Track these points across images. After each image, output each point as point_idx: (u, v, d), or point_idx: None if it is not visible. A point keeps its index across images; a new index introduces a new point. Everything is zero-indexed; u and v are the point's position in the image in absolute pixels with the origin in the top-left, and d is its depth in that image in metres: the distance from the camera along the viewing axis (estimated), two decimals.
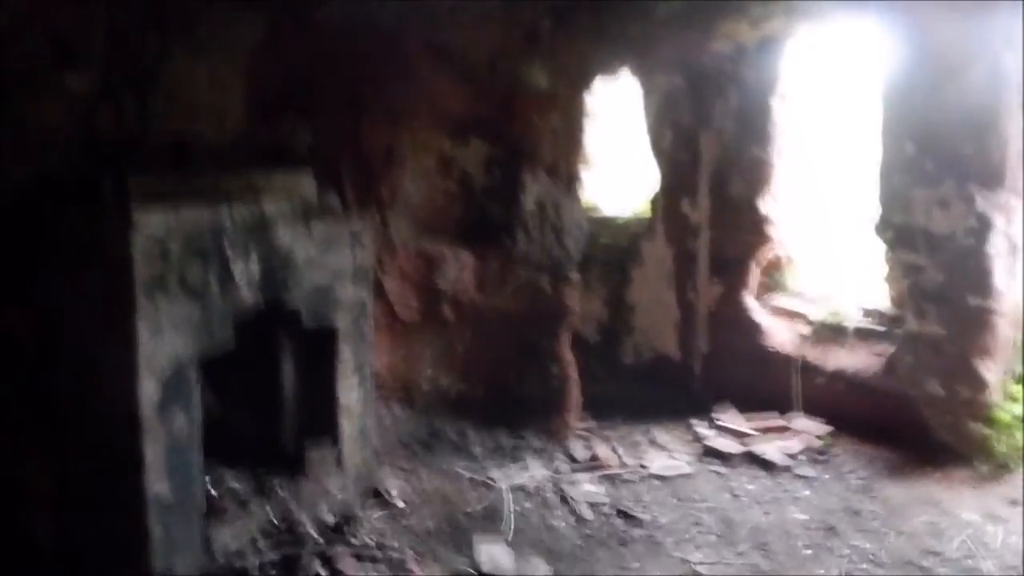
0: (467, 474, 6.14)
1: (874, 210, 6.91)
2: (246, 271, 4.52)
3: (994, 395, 6.46)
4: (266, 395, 5.28)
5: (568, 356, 6.95)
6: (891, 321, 7.36)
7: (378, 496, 5.54)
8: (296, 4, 5.04)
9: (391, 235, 6.00)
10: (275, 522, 4.77)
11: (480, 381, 6.72)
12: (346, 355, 5.29)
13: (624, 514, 5.83)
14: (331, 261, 5.07)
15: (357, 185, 5.56)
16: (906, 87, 6.53)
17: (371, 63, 5.44)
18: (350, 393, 5.35)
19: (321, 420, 5.29)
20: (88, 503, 4.18)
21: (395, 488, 5.67)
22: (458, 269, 6.38)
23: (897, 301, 7.39)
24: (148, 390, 4.00)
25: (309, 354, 5.27)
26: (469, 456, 6.44)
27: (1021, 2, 6.04)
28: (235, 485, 4.93)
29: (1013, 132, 6.34)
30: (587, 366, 7.34)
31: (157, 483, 4.07)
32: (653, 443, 7.19)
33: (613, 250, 8.56)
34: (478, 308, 6.54)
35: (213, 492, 4.73)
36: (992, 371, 6.46)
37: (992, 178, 6.34)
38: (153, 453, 4.04)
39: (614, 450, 6.84)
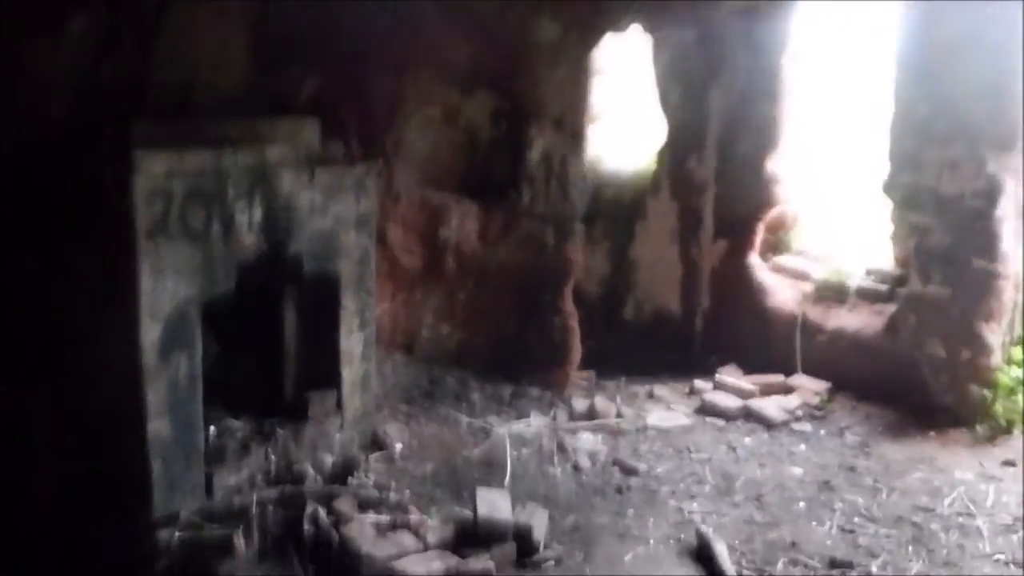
0: (466, 420, 6.22)
1: (883, 169, 6.88)
2: (248, 215, 4.55)
3: (995, 358, 6.48)
4: (268, 341, 5.33)
5: (570, 309, 6.99)
6: (894, 281, 7.34)
7: (377, 441, 5.61)
8: None
9: (395, 184, 6.01)
10: (275, 463, 4.84)
11: (481, 332, 6.77)
12: (348, 302, 5.34)
13: (621, 464, 5.89)
14: (334, 208, 5.10)
15: (362, 134, 5.55)
16: (922, 47, 6.46)
17: (377, 13, 5.40)
18: (351, 339, 5.40)
19: (322, 366, 5.36)
20: (91, 445, 4.26)
21: (394, 433, 5.74)
22: (461, 219, 6.40)
23: (901, 261, 7.36)
24: (150, 333, 4.07)
25: (311, 300, 5.32)
26: (469, 404, 6.52)
27: None
28: (236, 427, 5.00)
29: None
30: (588, 321, 7.37)
31: (158, 424, 4.14)
32: (652, 397, 7.26)
33: (617, 205, 8.52)
34: (480, 259, 6.56)
35: (215, 434, 4.81)
36: (995, 334, 6.46)
37: (1005, 141, 6.29)
38: (155, 395, 4.12)
39: (614, 402, 6.89)
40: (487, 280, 6.62)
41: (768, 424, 6.65)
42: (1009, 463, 5.93)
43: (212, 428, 4.79)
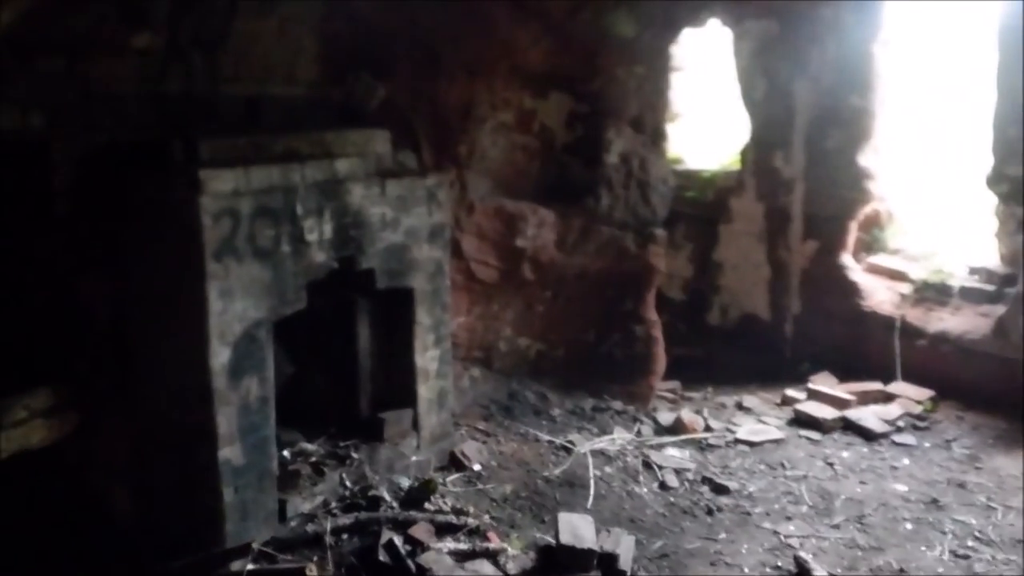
0: (546, 437, 6.00)
1: (986, 162, 6.47)
2: (318, 231, 4.42)
3: None
4: (342, 358, 5.21)
5: (653, 317, 6.73)
6: (1001, 280, 6.91)
7: (455, 461, 5.44)
8: None
9: (469, 193, 5.83)
10: (350, 488, 4.70)
11: (560, 342, 6.56)
12: (422, 316, 5.18)
13: (710, 482, 5.61)
14: (406, 220, 4.94)
15: (434, 143, 5.40)
16: (1021, 30, 6.05)
17: (448, 17, 5.23)
18: (426, 356, 5.25)
19: (397, 383, 5.22)
20: (163, 471, 4.17)
21: (472, 453, 5.56)
22: (538, 227, 6.18)
23: (1008, 259, 6.93)
24: (219, 356, 3.95)
25: (384, 315, 5.18)
26: (549, 419, 6.31)
27: None
28: (310, 449, 4.88)
29: None
30: (672, 327, 7.10)
31: (229, 450, 4.02)
32: (741, 407, 6.96)
33: (699, 205, 8.20)
34: (559, 267, 6.34)
35: (287, 457, 4.69)
36: None
37: None
38: (225, 420, 4.00)
39: (700, 414, 6.62)
40: (566, 289, 6.39)
41: (867, 436, 6.29)
42: None
43: (285, 452, 4.67)
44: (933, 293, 7.25)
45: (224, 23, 4.54)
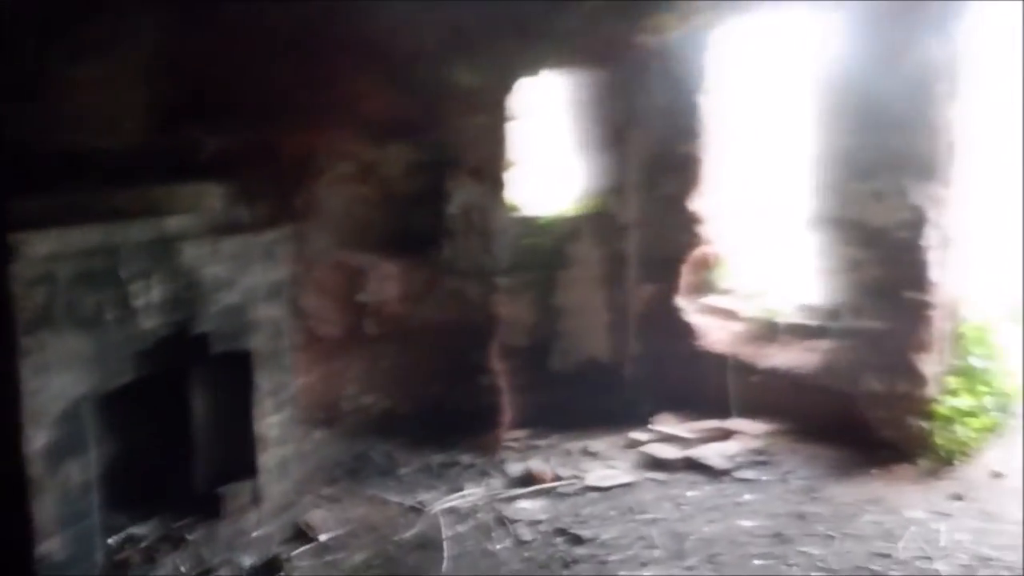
0: (396, 499, 5.79)
1: (809, 204, 6.79)
2: (146, 295, 4.10)
3: (932, 389, 6.41)
4: (175, 429, 4.84)
5: (498, 366, 6.67)
6: (825, 316, 7.24)
7: (302, 532, 5.14)
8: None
9: (308, 248, 5.58)
10: (186, 573, 4.33)
11: (406, 398, 6.38)
12: (262, 380, 4.91)
13: (565, 533, 5.53)
14: (243, 279, 4.68)
15: (271, 196, 5.13)
16: (839, 80, 6.42)
17: (286, 65, 5.02)
18: (267, 422, 4.96)
19: (236, 453, 4.89)
20: None
21: (319, 522, 5.27)
22: (380, 281, 6.01)
23: (830, 296, 7.27)
24: (35, 440, 3.57)
25: (221, 381, 4.86)
26: (397, 479, 6.11)
27: None
28: (140, 534, 4.47)
29: (943, 124, 6.27)
30: (514, 375, 7.03)
31: (49, 544, 3.62)
32: (588, 453, 6.94)
33: (538, 252, 8.21)
34: (403, 321, 6.17)
35: (115, 545, 4.28)
36: (930, 365, 6.39)
37: (925, 170, 6.27)
38: (43, 512, 3.60)
39: (549, 463, 6.56)
40: (410, 343, 6.23)
41: (711, 474, 6.40)
42: (956, 497, 5.84)
43: (112, 540, 4.26)
44: (763, 330, 7.52)
45: (37, 69, 4.15)
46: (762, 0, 6.76)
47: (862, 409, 6.53)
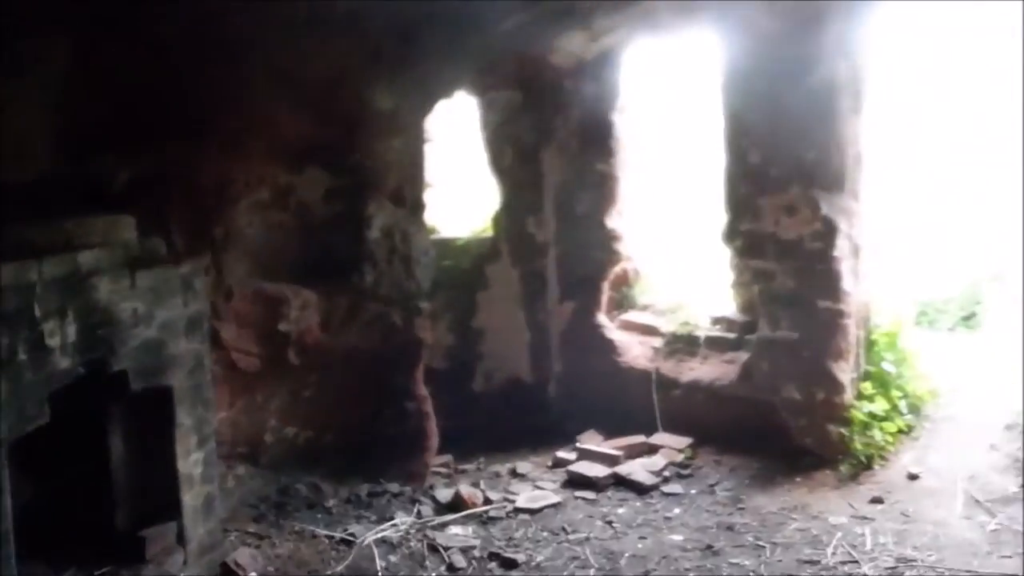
0: (324, 532, 5.64)
1: (723, 218, 6.91)
2: (60, 334, 3.89)
3: (848, 396, 6.58)
4: (93, 471, 4.61)
5: (423, 392, 6.57)
6: (742, 328, 7.39)
7: (228, 572, 4.95)
8: (111, 22, 4.39)
9: (226, 278, 5.40)
10: None
11: (331, 427, 6.21)
12: (183, 417, 4.71)
13: (498, 557, 5.48)
14: (160, 313, 4.49)
15: (187, 226, 4.95)
16: (747, 97, 6.58)
17: (201, 89, 4.86)
18: (190, 459, 4.76)
19: (158, 494, 4.68)
20: None
21: (247, 560, 5.09)
22: (301, 309, 5.84)
23: (745, 308, 7.42)
24: None
25: (141, 419, 4.65)
26: (325, 512, 5.94)
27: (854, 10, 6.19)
28: None
29: (850, 138, 6.48)
30: (438, 399, 6.96)
31: None
32: (516, 474, 6.93)
33: (456, 273, 8.18)
34: (325, 349, 6.01)
35: None
36: (845, 372, 6.57)
37: (834, 183, 6.48)
38: None
39: (478, 486, 6.50)
40: (333, 371, 6.08)
41: (639, 489, 6.46)
42: (877, 500, 6.00)
43: None
44: (683, 344, 7.62)
45: None
46: (671, 21, 6.88)
47: (782, 418, 6.67)
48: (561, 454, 7.08)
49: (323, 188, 5.78)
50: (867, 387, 6.78)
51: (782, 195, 6.53)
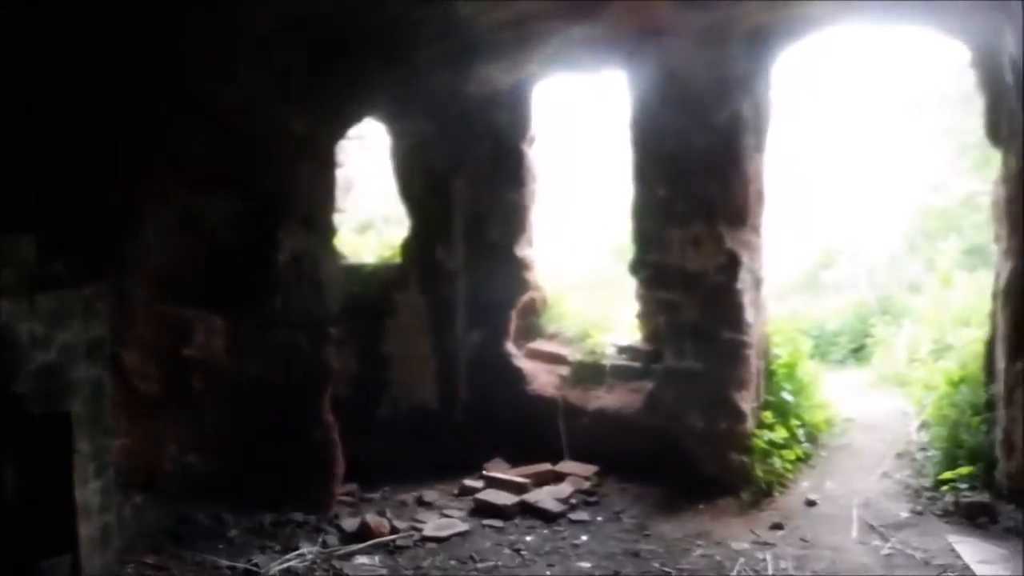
0: (226, 563, 5.48)
1: (630, 250, 7.04)
2: None
3: (749, 424, 6.75)
4: None
5: (329, 419, 6.46)
6: (646, 358, 7.52)
7: None
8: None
9: (129, 302, 5.23)
10: None
11: (234, 456, 6.04)
12: (82, 444, 4.55)
13: None
14: (60, 337, 4.34)
15: (89, 248, 4.78)
16: (655, 132, 6.76)
17: (107, 111, 4.72)
18: (87, 488, 4.59)
19: (54, 524, 4.48)
20: None
21: None
22: (207, 334, 5.70)
23: (650, 338, 7.56)
24: None
25: (38, 448, 4.44)
26: (227, 542, 5.78)
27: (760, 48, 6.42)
28: None
29: (753, 174, 6.71)
30: (343, 426, 6.86)
31: None
32: (422, 503, 6.89)
33: (364, 301, 8.10)
34: (230, 375, 5.87)
35: None
36: (747, 401, 6.74)
37: (737, 217, 6.68)
38: None
39: (384, 515, 6.43)
40: (238, 398, 5.93)
41: (546, 517, 6.47)
42: (777, 526, 6.15)
43: None
44: (589, 373, 7.71)
45: None
46: (582, 57, 7.03)
47: (687, 446, 6.79)
48: (468, 482, 7.06)
49: (232, 212, 5.67)
50: (767, 416, 6.97)
51: (688, 228, 6.71)
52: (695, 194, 6.64)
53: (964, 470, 6.26)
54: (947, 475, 6.32)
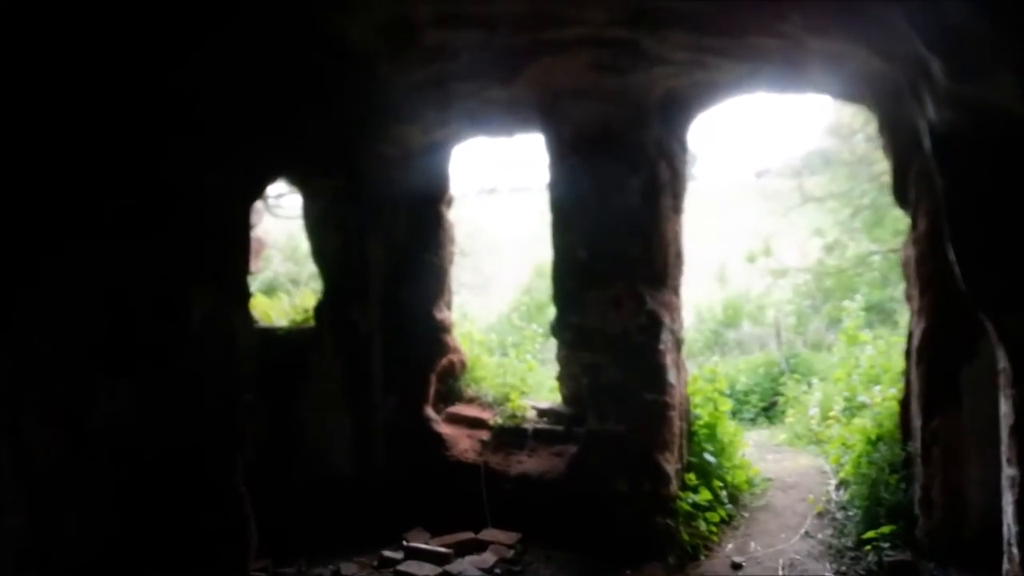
0: None
1: (552, 312, 6.98)
2: None
3: (674, 486, 6.69)
4: None
5: (242, 490, 6.11)
6: (568, 420, 7.42)
7: None
8: None
9: (20, 363, 4.84)
10: None
11: (140, 528, 5.64)
12: None
13: None
14: None
15: None
16: (574, 195, 6.74)
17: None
18: None
19: None
20: None
21: None
22: (110, 400, 5.33)
23: (572, 400, 7.48)
24: None
25: None
26: None
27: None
28: None
29: (671, 235, 6.75)
30: (256, 495, 6.54)
31: None
32: None
33: (276, 364, 7.79)
34: (137, 443, 5.50)
35: None
36: (670, 463, 6.69)
37: (657, 278, 6.69)
38: None
39: None
40: (145, 467, 5.56)
41: None
42: None
43: None
44: (511, 438, 7.57)
45: None
46: (499, 120, 7.02)
47: (611, 510, 6.67)
48: (388, 553, 6.79)
49: (141, 269, 5.35)
50: (691, 478, 6.94)
51: (609, 290, 6.68)
52: (615, 255, 6.63)
53: (885, 529, 6.30)
54: (869, 534, 6.34)
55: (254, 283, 8.83)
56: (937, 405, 5.99)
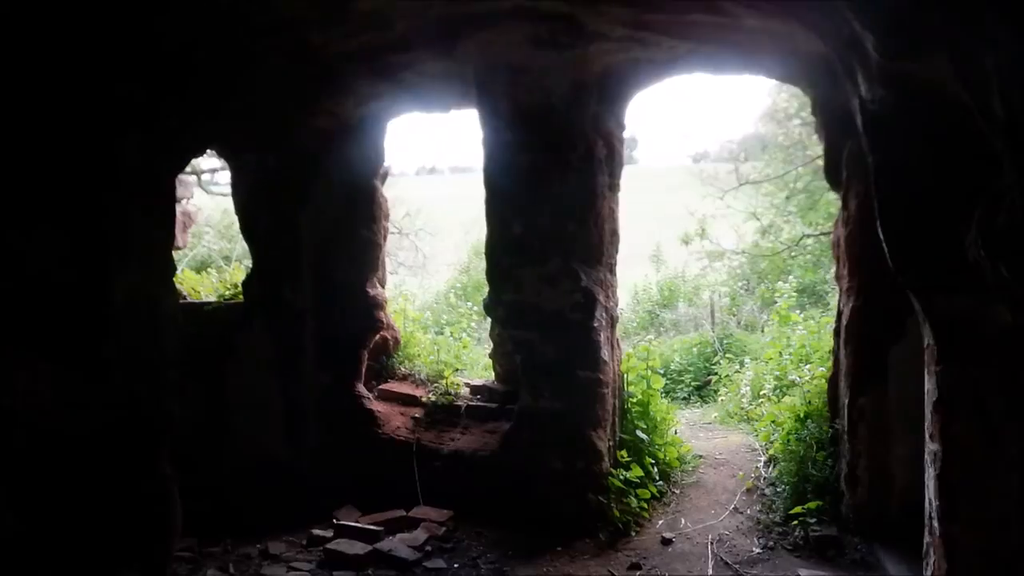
0: None
1: (486, 288, 6.92)
2: None
3: (606, 464, 6.72)
4: None
5: (168, 471, 5.97)
6: (502, 398, 7.41)
7: None
8: None
9: None
10: None
11: (55, 516, 5.47)
12: None
13: None
14: None
15: None
16: (510, 170, 6.66)
17: None
18: None
19: None
20: None
21: None
22: (27, 383, 5.14)
23: (505, 377, 7.46)
24: None
25: None
26: None
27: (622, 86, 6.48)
28: None
29: (607, 213, 6.73)
30: (183, 475, 6.40)
31: None
32: (267, 555, 6.53)
33: (203, 341, 7.61)
34: (57, 426, 5.33)
35: None
36: (603, 440, 6.71)
37: (592, 255, 6.67)
38: None
39: (226, 571, 6.03)
40: (66, 451, 5.39)
41: (401, 566, 6.26)
42: (635, 566, 6.14)
43: None
44: (444, 415, 7.53)
45: None
46: (435, 93, 6.92)
47: (544, 487, 6.68)
48: (317, 531, 6.73)
49: (60, 247, 5.16)
50: (623, 455, 6.97)
51: (544, 267, 6.64)
52: (550, 232, 6.58)
53: (812, 504, 6.41)
54: (796, 510, 6.46)
55: (185, 260, 8.66)
56: (864, 383, 6.11)
